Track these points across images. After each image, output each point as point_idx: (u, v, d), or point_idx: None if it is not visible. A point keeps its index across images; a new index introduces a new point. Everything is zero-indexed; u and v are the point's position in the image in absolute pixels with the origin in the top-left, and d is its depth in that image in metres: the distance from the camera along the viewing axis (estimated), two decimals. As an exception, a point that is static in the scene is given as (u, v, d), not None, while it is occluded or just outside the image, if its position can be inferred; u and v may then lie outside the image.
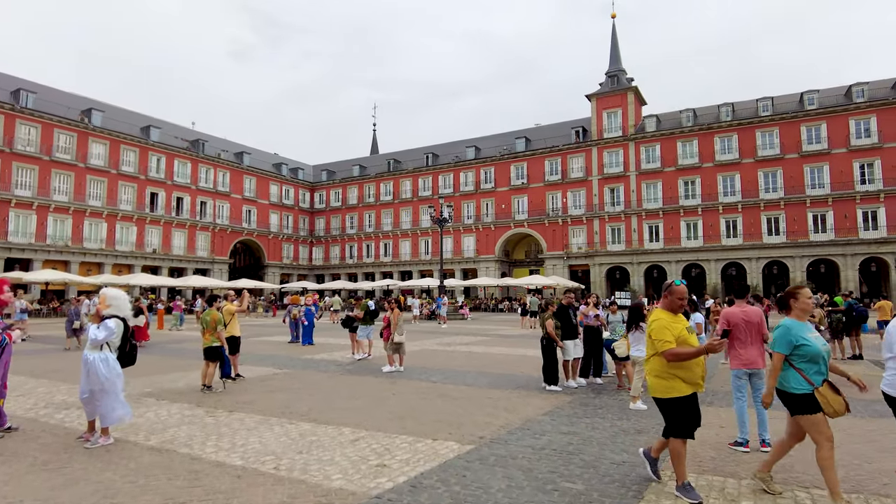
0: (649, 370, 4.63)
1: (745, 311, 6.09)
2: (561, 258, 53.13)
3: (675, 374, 4.46)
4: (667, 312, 4.65)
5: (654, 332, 4.52)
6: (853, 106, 44.18)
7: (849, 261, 43.60)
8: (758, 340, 6.04)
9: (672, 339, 4.42)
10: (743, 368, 6.01)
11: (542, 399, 8.85)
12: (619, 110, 52.45)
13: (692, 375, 4.49)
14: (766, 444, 5.74)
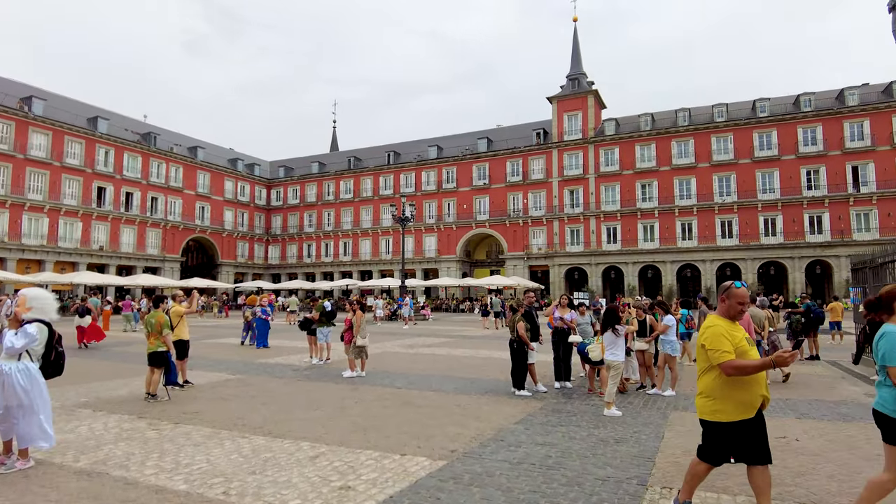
0: (699, 388, 3.92)
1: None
2: (521, 259, 53.28)
3: (727, 395, 3.71)
4: (724, 319, 3.88)
5: (708, 341, 3.76)
6: (801, 115, 45.85)
7: (796, 263, 45.21)
8: None
9: (731, 349, 3.67)
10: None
11: (513, 405, 8.45)
12: (579, 113, 52.98)
13: (749, 397, 3.71)
14: None
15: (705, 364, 3.85)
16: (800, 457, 5.60)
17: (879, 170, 43.30)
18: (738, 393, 3.70)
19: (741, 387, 3.69)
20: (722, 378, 3.71)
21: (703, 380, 3.89)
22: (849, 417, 7.52)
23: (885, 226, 42.74)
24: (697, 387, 3.97)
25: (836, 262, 43.91)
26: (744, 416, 3.70)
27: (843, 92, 45.64)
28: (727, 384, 3.70)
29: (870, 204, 43.47)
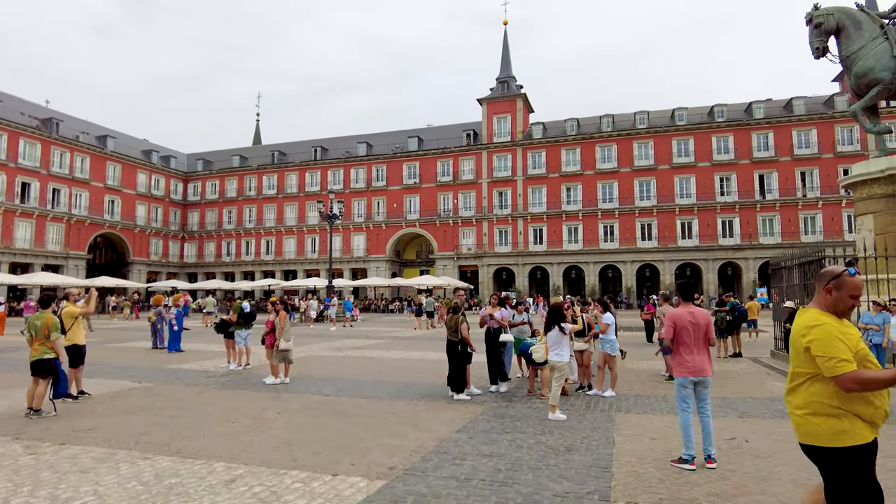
0: (801, 404, 2.92)
1: (692, 313, 5.53)
2: (451, 259, 53.14)
3: (849, 410, 2.77)
4: (831, 316, 2.91)
5: (818, 346, 2.79)
6: (715, 125, 48.51)
7: (710, 265, 47.73)
8: (704, 346, 5.49)
9: (850, 355, 2.73)
10: (689, 377, 5.42)
11: (452, 411, 7.91)
12: (508, 116, 53.53)
13: (875, 412, 2.79)
14: (711, 459, 5.20)
15: (808, 371, 2.88)
16: (756, 459, 5.40)
17: (781, 179, 46.50)
18: (862, 406, 2.79)
19: (865, 399, 2.78)
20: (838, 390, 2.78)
21: (807, 392, 2.89)
22: (786, 415, 7.51)
23: (787, 230, 45.93)
24: (792, 401, 2.99)
25: (745, 263, 46.78)
26: (874, 435, 2.82)
27: (751, 105, 48.72)
28: (850, 396, 2.78)
29: (773, 210, 46.56)
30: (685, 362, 5.43)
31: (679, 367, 5.49)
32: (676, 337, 5.46)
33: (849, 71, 12.91)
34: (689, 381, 5.44)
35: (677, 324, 5.47)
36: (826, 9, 13.06)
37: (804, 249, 13.74)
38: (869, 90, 12.46)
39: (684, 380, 5.46)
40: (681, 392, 5.49)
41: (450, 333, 8.96)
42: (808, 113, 46.77)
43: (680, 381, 5.50)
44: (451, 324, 8.93)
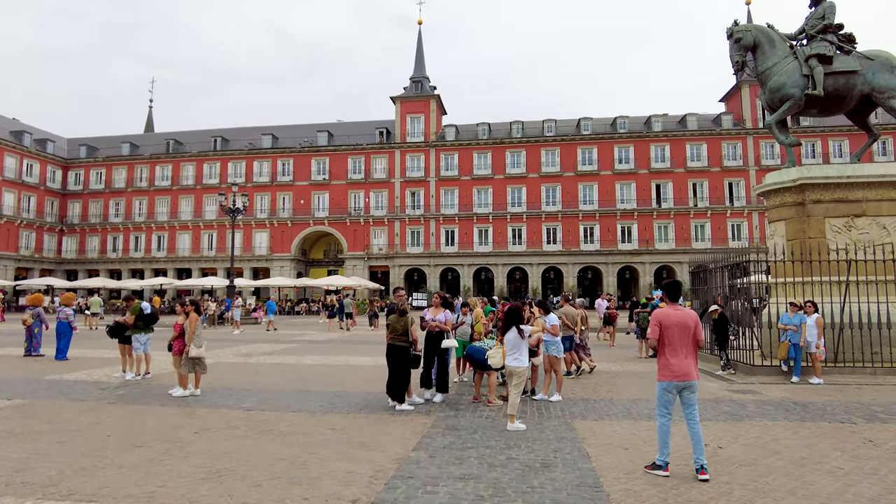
0: None
1: (679, 314, 5.20)
2: (362, 258, 51.80)
3: None
4: None
5: None
6: (617, 135, 51.02)
7: (610, 268, 50.09)
8: (691, 348, 5.15)
9: None
10: (673, 381, 5.08)
11: (399, 424, 7.14)
12: (421, 116, 53.15)
13: None
14: (704, 470, 4.85)
15: None
16: (743, 468, 5.14)
17: (676, 189, 49.77)
18: None
19: None
20: None
21: None
22: (737, 416, 7.50)
23: (680, 237, 49.24)
24: None
25: (642, 267, 49.60)
26: None
27: (650, 119, 51.77)
28: None
29: (668, 218, 49.70)
30: (669, 365, 5.10)
31: (663, 370, 5.16)
32: (661, 338, 5.12)
33: (763, 85, 13.59)
34: (673, 385, 5.11)
35: (663, 323, 5.14)
36: (745, 25, 13.68)
37: (726, 254, 14.28)
38: (782, 104, 13.16)
39: (668, 384, 5.12)
40: (663, 397, 5.16)
41: (394, 337, 8.17)
42: (699, 129, 50.46)
43: (663, 385, 5.15)
44: (398, 326, 8.14)
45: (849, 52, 13.16)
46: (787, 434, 6.46)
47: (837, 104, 13.28)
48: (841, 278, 11.55)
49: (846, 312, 11.40)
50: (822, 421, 7.16)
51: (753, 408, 8.08)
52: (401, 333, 8.09)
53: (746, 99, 50.36)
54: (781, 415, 7.58)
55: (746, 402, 8.49)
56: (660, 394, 5.20)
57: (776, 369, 11.17)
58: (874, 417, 7.40)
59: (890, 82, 13.03)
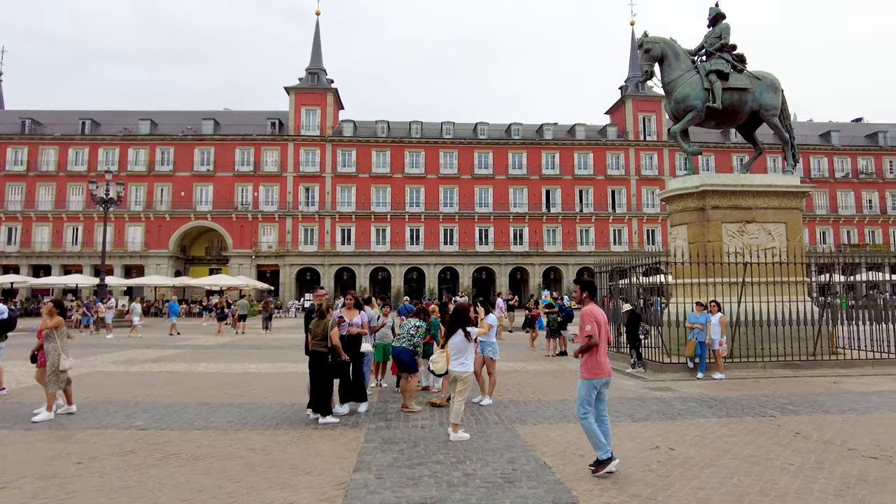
0: None
1: (602, 312, 5.33)
2: (249, 257, 48.76)
3: None
4: None
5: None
6: (511, 141, 52.49)
7: (503, 269, 51.39)
8: (606, 344, 5.32)
9: None
10: (603, 377, 5.17)
11: (329, 441, 6.37)
12: (318, 109, 51.22)
13: None
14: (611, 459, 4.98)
15: None
16: (706, 471, 5.01)
17: (564, 195, 52.15)
18: None
19: None
20: None
21: None
22: (669, 415, 7.57)
23: (566, 241, 51.67)
24: None
25: (532, 268, 51.43)
26: None
27: (542, 127, 53.85)
28: None
29: (556, 222, 51.95)
30: (601, 363, 5.17)
31: (594, 367, 5.14)
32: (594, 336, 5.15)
33: (669, 96, 14.30)
34: (601, 382, 5.17)
35: (598, 321, 5.14)
36: (654, 37, 14.31)
37: (627, 257, 14.83)
38: (685, 115, 13.91)
39: (598, 381, 5.17)
40: (590, 395, 5.16)
41: (316, 342, 7.34)
42: (587, 139, 53.30)
43: (594, 383, 5.15)
44: (317, 330, 7.32)
45: (741, 70, 14.20)
46: (724, 431, 6.55)
47: (732, 118, 14.29)
48: (737, 279, 12.35)
49: (739, 312, 12.20)
50: (747, 416, 7.41)
51: (679, 405, 8.24)
52: (322, 338, 7.30)
53: (629, 113, 54.01)
54: (708, 411, 7.77)
55: (670, 400, 8.67)
56: (587, 392, 5.15)
57: (683, 366, 11.67)
58: (786, 409, 7.81)
59: (773, 101, 14.26)
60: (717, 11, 14.46)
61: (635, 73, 55.89)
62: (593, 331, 5.10)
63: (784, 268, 12.73)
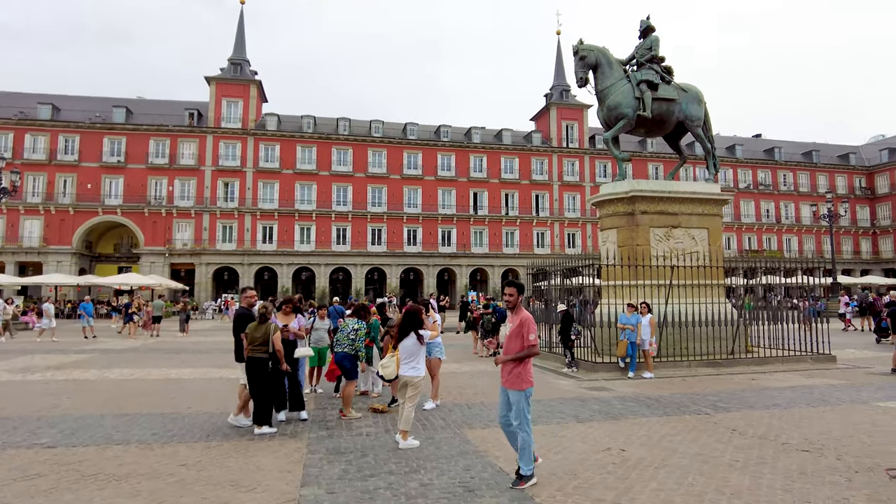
0: None
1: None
2: (162, 255, 45.80)
3: None
4: None
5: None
6: (440, 143, 52.61)
7: (430, 270, 51.39)
8: None
9: None
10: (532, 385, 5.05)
11: (269, 452, 5.93)
12: (240, 101, 49.02)
13: None
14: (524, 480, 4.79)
15: None
16: (661, 471, 5.05)
17: (491, 197, 52.90)
18: None
19: None
20: None
21: None
22: (612, 415, 7.68)
23: (493, 243, 52.42)
24: None
25: (459, 269, 51.76)
26: None
27: (471, 130, 54.38)
28: None
29: (483, 224, 52.60)
30: (532, 371, 5.05)
31: (530, 376, 5.01)
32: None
33: (602, 103, 14.71)
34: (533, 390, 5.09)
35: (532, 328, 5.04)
36: (589, 45, 14.67)
37: (559, 259, 15.12)
38: (617, 122, 14.37)
39: (531, 390, 5.02)
40: (527, 404, 4.94)
41: (254, 348, 6.84)
42: (513, 144, 54.36)
43: (530, 391, 4.99)
44: (256, 335, 6.82)
45: (669, 82, 14.85)
46: (668, 430, 6.71)
47: (660, 127, 14.91)
48: (664, 282, 12.87)
49: (666, 313, 12.73)
50: (684, 414, 7.66)
51: (619, 405, 8.40)
52: (261, 343, 6.82)
53: (553, 120, 55.61)
54: (647, 410, 7.96)
55: (609, 400, 8.83)
56: (526, 402, 4.93)
57: (614, 365, 12.00)
58: (718, 407, 8.15)
59: (698, 112, 15.03)
60: (647, 24, 15.04)
61: (560, 82, 57.78)
62: (536, 339, 5.01)
63: (706, 271, 13.44)
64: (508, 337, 5.04)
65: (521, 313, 5.06)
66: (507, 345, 5.03)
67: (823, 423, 7.00)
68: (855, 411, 7.71)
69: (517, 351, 4.92)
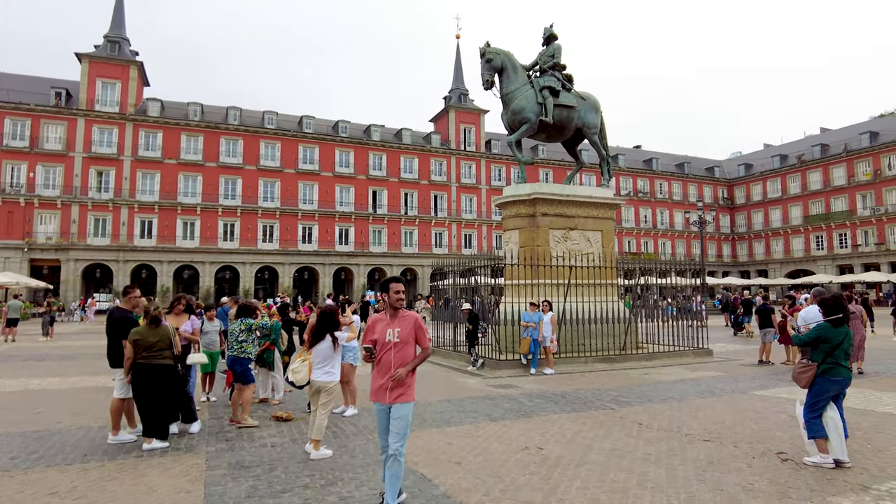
0: None
1: None
2: (20, 249, 40.57)
3: None
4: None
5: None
6: (339, 139, 51.37)
7: (327, 269, 50.03)
8: None
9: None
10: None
11: (161, 470, 5.28)
12: (117, 83, 44.67)
13: None
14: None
15: None
16: (582, 469, 5.08)
17: (390, 196, 52.55)
18: None
19: None
20: None
21: None
22: (523, 413, 7.73)
23: (392, 242, 52.08)
24: None
25: (357, 269, 50.87)
26: None
27: (370, 127, 53.63)
28: None
29: (382, 223, 52.11)
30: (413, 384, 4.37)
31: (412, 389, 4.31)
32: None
33: (506, 106, 14.97)
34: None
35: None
36: (495, 49, 14.86)
37: (460, 259, 15.20)
38: (520, 126, 14.68)
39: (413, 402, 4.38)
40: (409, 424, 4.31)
41: (150, 355, 6.08)
42: (413, 144, 54.36)
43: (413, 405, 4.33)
44: (153, 340, 6.07)
45: (569, 90, 15.44)
46: (579, 427, 6.85)
47: (561, 132, 15.46)
48: (563, 281, 13.34)
49: (565, 310, 13.20)
50: (591, 410, 7.90)
51: (528, 402, 8.51)
52: (161, 349, 6.10)
53: (452, 123, 56.33)
54: (555, 407, 8.12)
55: (517, 397, 8.93)
56: (411, 419, 4.35)
57: (517, 363, 12.23)
58: (620, 402, 8.51)
59: (595, 120, 15.77)
60: (550, 32, 15.54)
61: (459, 86, 58.66)
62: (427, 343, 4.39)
63: (600, 271, 14.12)
64: (399, 344, 4.19)
65: (408, 314, 4.36)
66: (399, 353, 4.18)
67: (716, 412, 7.53)
68: (739, 400, 8.39)
69: (413, 358, 4.25)
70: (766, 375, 11.10)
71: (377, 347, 4.23)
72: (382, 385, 4.17)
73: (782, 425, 6.75)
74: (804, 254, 58.00)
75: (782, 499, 4.32)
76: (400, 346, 4.21)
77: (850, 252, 54.06)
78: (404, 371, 4.14)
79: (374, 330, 4.31)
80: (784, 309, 13.07)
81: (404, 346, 4.22)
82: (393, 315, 4.29)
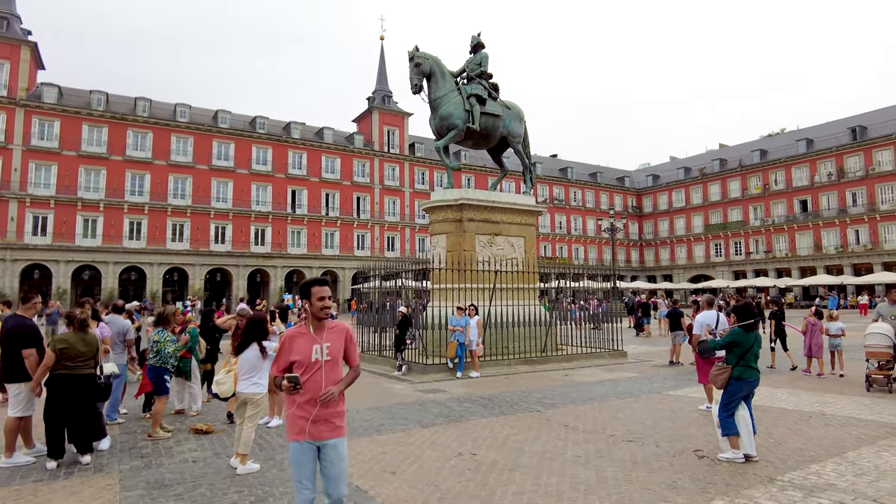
0: None
1: None
2: None
3: None
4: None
5: None
6: (256, 135, 49.60)
7: (241, 271, 48.05)
8: None
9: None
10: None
11: (68, 494, 4.84)
12: (6, 64, 40.76)
13: None
14: None
15: None
16: (517, 474, 5.17)
17: (311, 196, 51.32)
18: None
19: None
20: None
21: None
22: (453, 417, 7.77)
23: (311, 243, 50.88)
24: None
25: (274, 271, 49.25)
26: None
27: (290, 124, 52.14)
28: None
29: (302, 224, 50.79)
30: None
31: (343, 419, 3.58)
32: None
33: (435, 112, 15.04)
34: None
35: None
36: (424, 53, 14.88)
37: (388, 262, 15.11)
38: (448, 132, 14.79)
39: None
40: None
41: (75, 364, 5.55)
42: (335, 143, 53.41)
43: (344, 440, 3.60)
44: (80, 348, 5.56)
45: (495, 98, 15.77)
46: (509, 430, 6.98)
47: (487, 140, 15.74)
48: (489, 285, 13.58)
49: (490, 314, 13.45)
50: (518, 412, 8.08)
51: (457, 407, 8.57)
52: (87, 358, 5.60)
53: (376, 124, 55.90)
54: (484, 410, 8.24)
55: (446, 402, 8.98)
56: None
57: (443, 367, 12.30)
58: (545, 403, 8.77)
59: (519, 130, 16.19)
60: (477, 41, 15.80)
61: (383, 87, 58.30)
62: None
63: (523, 276, 14.51)
64: (331, 363, 3.45)
65: (338, 325, 3.59)
66: (330, 373, 3.43)
67: (635, 413, 7.94)
68: (654, 400, 8.90)
69: (343, 377, 3.54)
70: (678, 376, 11.84)
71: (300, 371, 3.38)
72: (314, 418, 3.35)
73: (695, 423, 7.23)
74: (705, 260, 62.55)
75: (703, 494, 4.62)
76: (331, 364, 3.45)
77: (743, 259, 58.92)
78: (337, 390, 3.39)
79: (291, 349, 3.44)
80: (693, 314, 14.01)
81: (335, 365, 3.48)
82: (318, 327, 3.49)
